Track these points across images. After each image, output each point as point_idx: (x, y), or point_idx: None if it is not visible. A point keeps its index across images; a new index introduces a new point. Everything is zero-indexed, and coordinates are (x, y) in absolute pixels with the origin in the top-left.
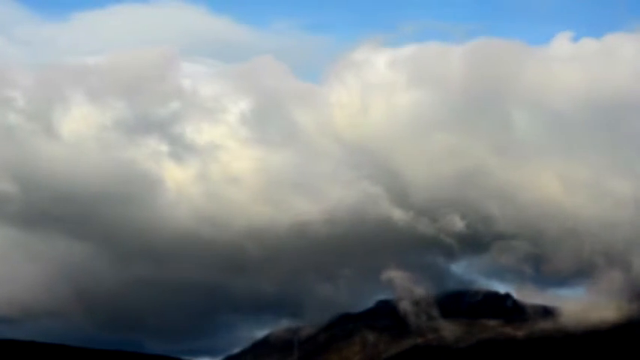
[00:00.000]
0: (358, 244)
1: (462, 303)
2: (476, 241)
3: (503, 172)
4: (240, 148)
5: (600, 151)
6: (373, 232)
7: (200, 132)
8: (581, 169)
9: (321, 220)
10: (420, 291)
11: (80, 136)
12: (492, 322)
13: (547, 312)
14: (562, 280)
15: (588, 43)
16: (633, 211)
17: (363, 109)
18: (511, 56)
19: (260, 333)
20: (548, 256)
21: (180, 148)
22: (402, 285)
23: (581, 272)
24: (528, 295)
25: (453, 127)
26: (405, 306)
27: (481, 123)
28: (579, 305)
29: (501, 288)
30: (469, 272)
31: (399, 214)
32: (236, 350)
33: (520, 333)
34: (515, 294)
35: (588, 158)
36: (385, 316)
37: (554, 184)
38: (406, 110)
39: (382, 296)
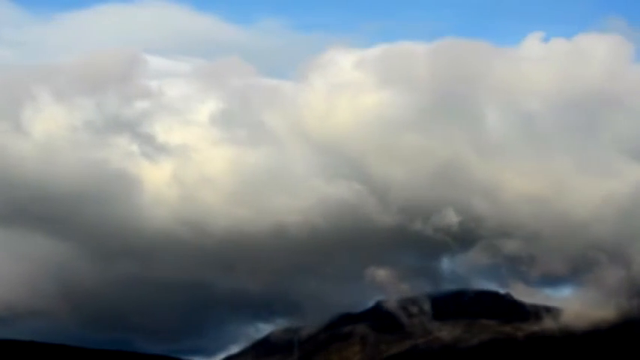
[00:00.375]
0: (340, 244)
1: (461, 303)
2: (466, 240)
3: (481, 171)
4: (213, 148)
5: (574, 149)
6: (355, 232)
7: (171, 131)
8: (557, 167)
9: (301, 219)
10: (406, 288)
11: (51, 135)
12: (492, 322)
13: (547, 311)
14: (560, 279)
15: (559, 43)
16: (622, 207)
17: (335, 109)
18: (480, 56)
19: (248, 332)
20: (543, 255)
21: (152, 148)
22: (389, 283)
23: (579, 271)
24: (528, 295)
25: (424, 126)
26: (392, 305)
27: (453, 122)
28: (579, 304)
29: (500, 288)
30: (465, 272)
31: (379, 213)
32: (234, 350)
33: (520, 333)
34: (515, 293)
35: (562, 157)
36: (386, 316)
37: (535, 182)
38: (378, 110)
39: (382, 296)
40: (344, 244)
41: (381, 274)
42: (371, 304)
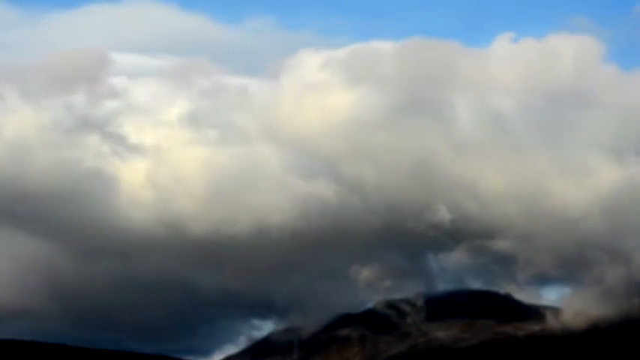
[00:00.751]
0: (321, 243)
1: (460, 303)
2: (453, 238)
3: (458, 169)
4: (184, 148)
5: (547, 148)
6: (335, 231)
7: (141, 132)
8: (533, 164)
9: (280, 219)
10: (389, 285)
11: (22, 136)
12: (492, 322)
13: (546, 311)
14: (557, 278)
15: (529, 43)
16: (606, 205)
17: (305, 108)
18: (449, 56)
19: (240, 332)
20: (533, 255)
21: (123, 148)
22: (375, 282)
23: (575, 270)
24: (527, 294)
25: (395, 125)
26: (391, 306)
27: (425, 121)
28: (578, 303)
29: (499, 288)
30: (455, 270)
31: (358, 212)
32: (228, 349)
33: (520, 332)
34: (514, 293)
35: (536, 155)
36: (385, 317)
37: (513, 180)
38: (349, 109)
39: (382, 297)
40: (325, 243)
41: (366, 273)
42: (370, 304)
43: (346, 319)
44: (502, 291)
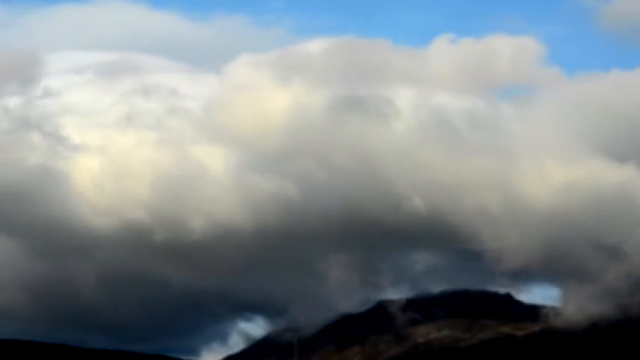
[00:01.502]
0: (286, 241)
1: (460, 303)
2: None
3: (401, 165)
4: (129, 147)
5: (489, 148)
6: (298, 228)
7: (80, 131)
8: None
9: (243, 219)
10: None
11: None
12: (492, 322)
13: (546, 310)
14: (557, 277)
15: (468, 44)
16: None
17: (244, 108)
18: (384, 55)
19: (224, 331)
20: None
21: (64, 148)
22: (340, 276)
23: (575, 268)
24: (527, 294)
25: (336, 122)
26: (391, 306)
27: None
28: (578, 302)
29: (499, 288)
30: (459, 271)
31: (316, 209)
32: (216, 349)
33: (520, 332)
34: (514, 293)
35: (476, 155)
36: (385, 317)
37: (460, 174)
38: (289, 107)
39: (382, 297)
40: (290, 240)
41: (335, 270)
42: (371, 305)
43: (346, 319)
44: (502, 291)
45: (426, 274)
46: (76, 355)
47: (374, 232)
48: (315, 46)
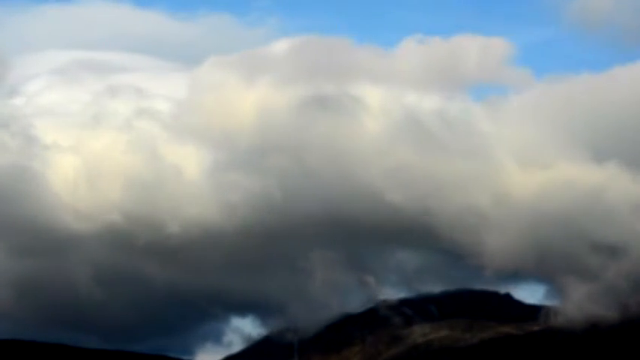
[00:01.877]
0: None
1: (460, 303)
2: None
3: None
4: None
5: (459, 146)
6: (282, 225)
7: (49, 131)
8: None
9: (221, 219)
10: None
11: None
12: (492, 322)
13: (546, 310)
14: (556, 276)
15: (436, 43)
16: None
17: (214, 108)
18: (352, 54)
19: (218, 331)
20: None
21: (38, 148)
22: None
23: (575, 268)
24: (527, 294)
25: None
26: (391, 306)
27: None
28: (578, 302)
29: (500, 287)
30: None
31: (299, 206)
32: (204, 351)
33: (520, 332)
34: (514, 293)
35: (447, 154)
36: (385, 317)
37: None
38: (259, 105)
39: (382, 297)
40: (273, 238)
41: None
42: (370, 305)
43: (346, 319)
44: (502, 291)
45: (417, 274)
46: (67, 354)
47: (355, 229)
48: (281, 46)
